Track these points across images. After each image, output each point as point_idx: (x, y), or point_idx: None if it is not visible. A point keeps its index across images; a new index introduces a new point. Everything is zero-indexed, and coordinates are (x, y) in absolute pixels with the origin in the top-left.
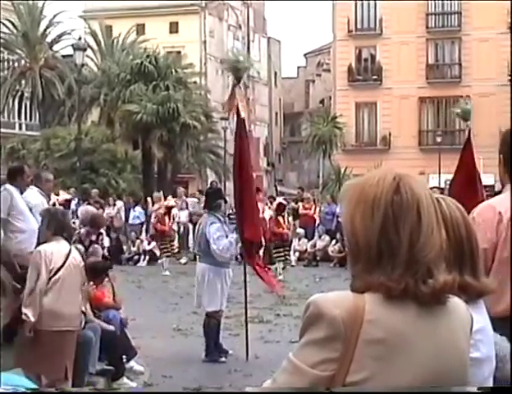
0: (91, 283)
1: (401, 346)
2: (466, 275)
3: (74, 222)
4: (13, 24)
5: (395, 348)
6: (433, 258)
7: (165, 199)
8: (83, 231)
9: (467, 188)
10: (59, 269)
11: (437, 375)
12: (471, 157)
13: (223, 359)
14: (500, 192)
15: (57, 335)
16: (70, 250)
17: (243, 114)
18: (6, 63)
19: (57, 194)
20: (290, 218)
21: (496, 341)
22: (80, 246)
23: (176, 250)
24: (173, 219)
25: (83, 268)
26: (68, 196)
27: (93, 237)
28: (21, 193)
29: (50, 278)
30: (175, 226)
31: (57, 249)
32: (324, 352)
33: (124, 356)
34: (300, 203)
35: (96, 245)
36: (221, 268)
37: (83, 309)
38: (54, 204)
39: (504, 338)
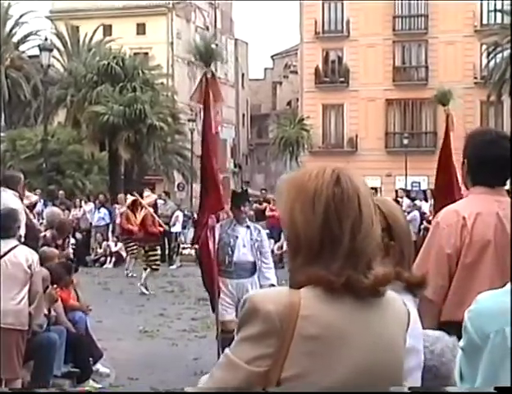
0: (54, 286)
1: (336, 342)
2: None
3: (41, 223)
4: None
5: (330, 343)
6: (374, 250)
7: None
8: (48, 234)
9: (446, 188)
10: None
11: (372, 370)
12: (449, 153)
13: None
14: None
15: None
16: (12, 248)
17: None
18: None
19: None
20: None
21: (435, 340)
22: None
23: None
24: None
25: (30, 267)
26: (154, 196)
27: (59, 241)
28: None
29: None
30: None
31: None
32: (259, 348)
33: (90, 358)
34: (268, 205)
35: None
36: (224, 278)
37: (30, 309)
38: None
39: (453, 339)
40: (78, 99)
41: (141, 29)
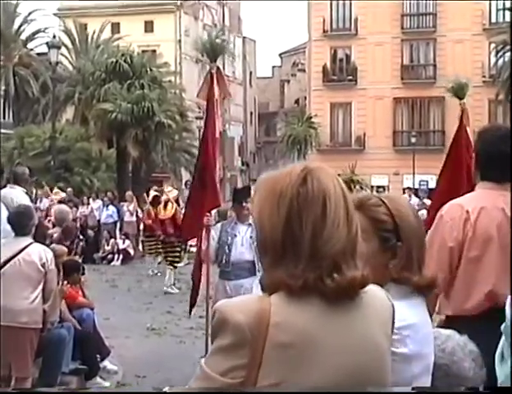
0: (65, 282)
1: (310, 347)
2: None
3: (49, 220)
4: None
5: (303, 350)
6: (340, 252)
7: (137, 198)
8: (55, 236)
9: (453, 184)
10: (4, 264)
11: (354, 373)
12: (460, 148)
13: None
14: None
15: None
16: (25, 247)
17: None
18: None
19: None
20: None
21: (446, 340)
22: (59, 246)
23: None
24: None
25: (44, 265)
26: (176, 191)
27: (67, 243)
28: None
29: None
30: None
31: (10, 245)
32: (232, 359)
33: (97, 355)
34: None
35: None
36: (222, 279)
37: (45, 307)
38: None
39: (464, 337)
40: (86, 97)
41: (149, 27)
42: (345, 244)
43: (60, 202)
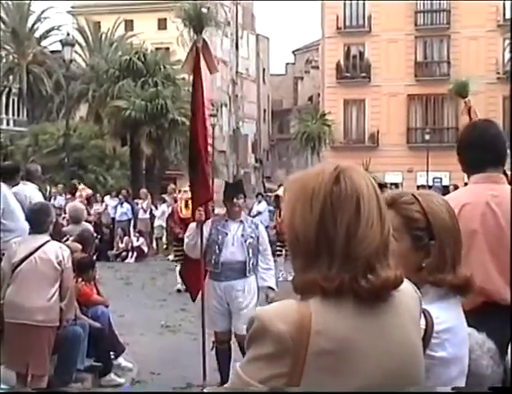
0: (80, 279)
1: (351, 353)
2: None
3: (64, 218)
4: (1, 19)
5: (344, 356)
6: (374, 252)
7: (151, 195)
8: (71, 239)
9: None
10: (21, 262)
11: (393, 374)
12: None
13: None
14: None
15: (15, 327)
16: (42, 244)
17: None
18: None
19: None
20: None
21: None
22: (73, 244)
23: (165, 247)
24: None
25: (60, 263)
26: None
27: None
28: None
29: (14, 270)
30: (163, 223)
31: (27, 242)
32: (273, 368)
33: (112, 352)
34: None
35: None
36: (212, 280)
37: (62, 305)
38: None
39: (482, 335)
40: (100, 94)
41: (162, 25)
42: (379, 244)
43: (87, 199)
